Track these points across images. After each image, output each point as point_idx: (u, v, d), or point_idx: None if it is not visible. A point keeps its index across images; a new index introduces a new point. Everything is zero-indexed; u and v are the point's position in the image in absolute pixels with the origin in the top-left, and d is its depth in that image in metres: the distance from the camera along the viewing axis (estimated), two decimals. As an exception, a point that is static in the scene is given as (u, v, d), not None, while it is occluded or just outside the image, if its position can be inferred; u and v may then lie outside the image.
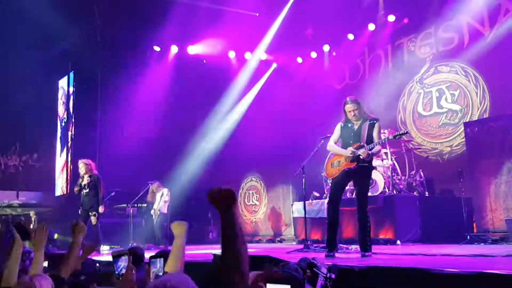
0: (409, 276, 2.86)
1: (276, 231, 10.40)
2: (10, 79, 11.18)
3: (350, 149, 4.88)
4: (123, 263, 2.59)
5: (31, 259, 4.62)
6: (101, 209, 7.98)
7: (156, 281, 1.47)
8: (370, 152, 4.80)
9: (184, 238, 2.61)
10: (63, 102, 12.65)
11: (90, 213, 7.94)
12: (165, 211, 9.23)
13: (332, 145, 5.14)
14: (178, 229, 2.64)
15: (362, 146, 4.83)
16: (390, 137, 5.04)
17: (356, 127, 5.00)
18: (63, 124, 12.65)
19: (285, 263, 3.01)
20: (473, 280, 2.55)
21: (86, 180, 8.03)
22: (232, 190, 1.75)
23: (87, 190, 8.00)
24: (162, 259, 2.53)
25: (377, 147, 4.92)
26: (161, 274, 2.55)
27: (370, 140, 4.90)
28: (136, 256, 4.21)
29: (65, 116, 12.28)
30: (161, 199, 9.27)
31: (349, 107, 4.98)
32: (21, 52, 10.74)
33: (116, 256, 2.58)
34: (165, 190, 9.38)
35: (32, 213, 10.43)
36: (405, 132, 5.19)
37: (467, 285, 2.57)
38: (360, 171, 4.88)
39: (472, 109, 8.88)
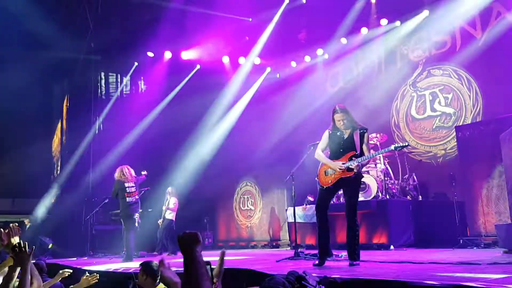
0: (390, 288, 2.85)
1: (271, 236, 10.40)
2: (5, 87, 11.18)
3: (339, 163, 4.86)
4: None
5: None
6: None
7: None
8: (361, 164, 4.80)
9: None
10: (58, 108, 12.65)
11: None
12: (173, 219, 9.33)
13: (319, 154, 5.10)
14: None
15: (357, 156, 4.81)
16: (392, 147, 4.96)
17: (346, 135, 4.95)
18: (57, 129, 12.64)
19: (271, 277, 2.98)
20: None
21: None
22: (196, 233, 1.96)
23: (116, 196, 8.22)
24: (208, 267, 2.36)
25: (367, 159, 4.88)
26: None
27: (361, 149, 4.88)
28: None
29: (59, 122, 12.28)
30: (166, 205, 9.34)
31: (338, 116, 4.94)
32: (16, 61, 10.75)
33: None
34: (172, 199, 9.44)
35: (26, 221, 10.41)
36: (407, 144, 5.07)
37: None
38: (353, 179, 4.86)
39: (466, 112, 8.88)
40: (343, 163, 4.81)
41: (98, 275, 4.05)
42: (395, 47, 10.12)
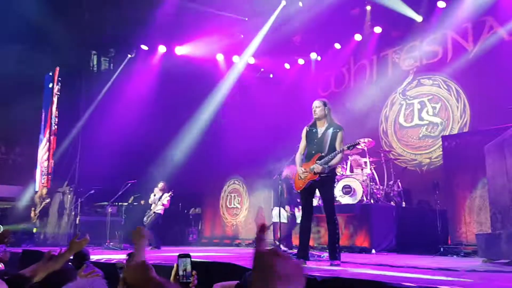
0: (368, 288, 2.91)
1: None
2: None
3: (301, 169, 4.92)
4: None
5: None
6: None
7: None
8: (325, 166, 4.77)
9: None
10: (48, 97, 12.55)
11: None
12: (161, 212, 9.23)
13: (296, 157, 5.14)
14: None
15: (323, 157, 4.83)
16: (345, 147, 4.99)
17: (320, 134, 4.93)
18: (46, 119, 12.55)
19: (251, 271, 3.03)
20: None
21: None
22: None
23: None
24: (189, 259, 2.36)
25: (335, 159, 4.83)
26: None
27: (332, 150, 4.85)
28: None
29: (49, 111, 12.19)
30: (159, 201, 9.23)
31: (314, 104, 4.98)
32: (6, 46, 10.64)
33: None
34: (165, 195, 9.34)
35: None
36: (357, 143, 5.09)
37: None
38: (322, 182, 4.86)
39: (453, 122, 9.02)
40: (304, 171, 4.86)
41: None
42: (387, 55, 10.24)
